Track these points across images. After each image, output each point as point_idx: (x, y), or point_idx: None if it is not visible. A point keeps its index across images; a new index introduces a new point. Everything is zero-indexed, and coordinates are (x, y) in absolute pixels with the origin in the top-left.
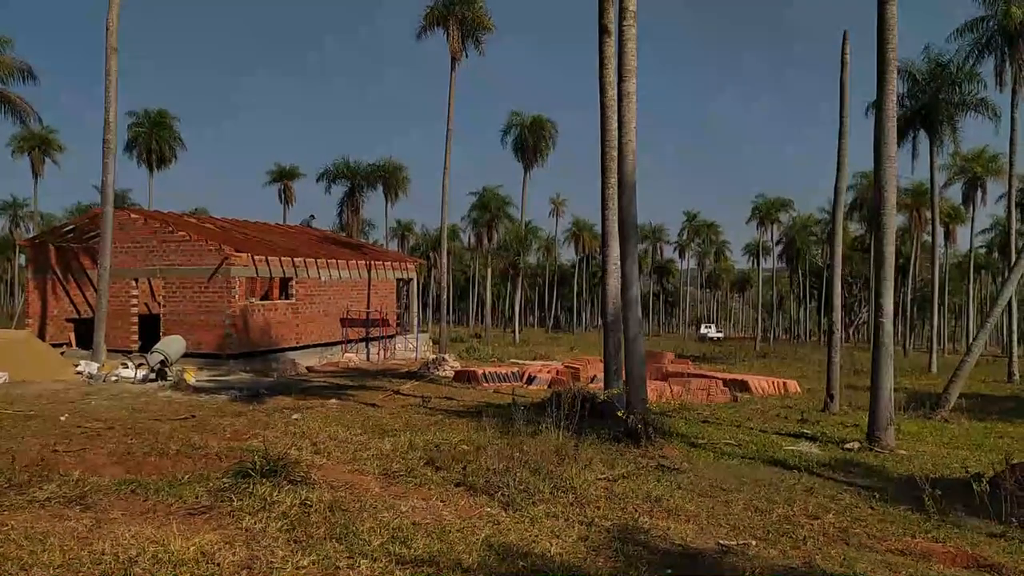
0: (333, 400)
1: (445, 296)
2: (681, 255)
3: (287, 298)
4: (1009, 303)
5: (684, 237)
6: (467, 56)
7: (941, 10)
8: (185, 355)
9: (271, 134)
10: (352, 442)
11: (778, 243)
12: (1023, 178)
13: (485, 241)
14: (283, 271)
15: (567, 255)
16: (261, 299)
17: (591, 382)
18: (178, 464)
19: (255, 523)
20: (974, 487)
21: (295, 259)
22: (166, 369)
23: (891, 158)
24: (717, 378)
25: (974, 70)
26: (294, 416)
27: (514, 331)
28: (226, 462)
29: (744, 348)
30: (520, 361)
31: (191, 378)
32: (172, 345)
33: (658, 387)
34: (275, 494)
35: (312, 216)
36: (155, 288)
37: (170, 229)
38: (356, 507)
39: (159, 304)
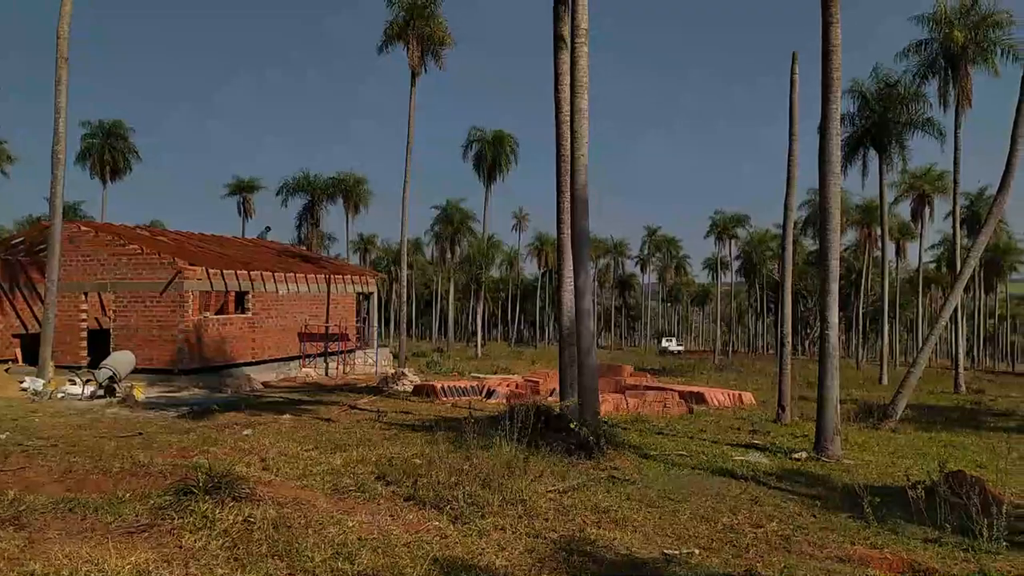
0: (287, 415)
1: (405, 310)
2: (643, 269)
3: (243, 312)
4: (956, 318)
5: (645, 252)
6: (427, 71)
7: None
8: (135, 371)
9: (233, 146)
10: (303, 458)
11: (736, 258)
12: (968, 195)
13: (448, 255)
14: (239, 285)
15: (531, 269)
16: (216, 313)
17: (551, 395)
18: (120, 482)
19: (195, 541)
20: (910, 495)
21: (252, 272)
22: (115, 385)
23: (835, 175)
24: (674, 390)
25: (920, 90)
26: (245, 432)
27: (476, 345)
28: (170, 479)
29: (703, 361)
30: (480, 375)
31: (140, 394)
32: (121, 360)
33: (615, 400)
34: (218, 511)
35: (267, 228)
36: (105, 302)
37: (121, 242)
38: (301, 523)
39: (109, 319)
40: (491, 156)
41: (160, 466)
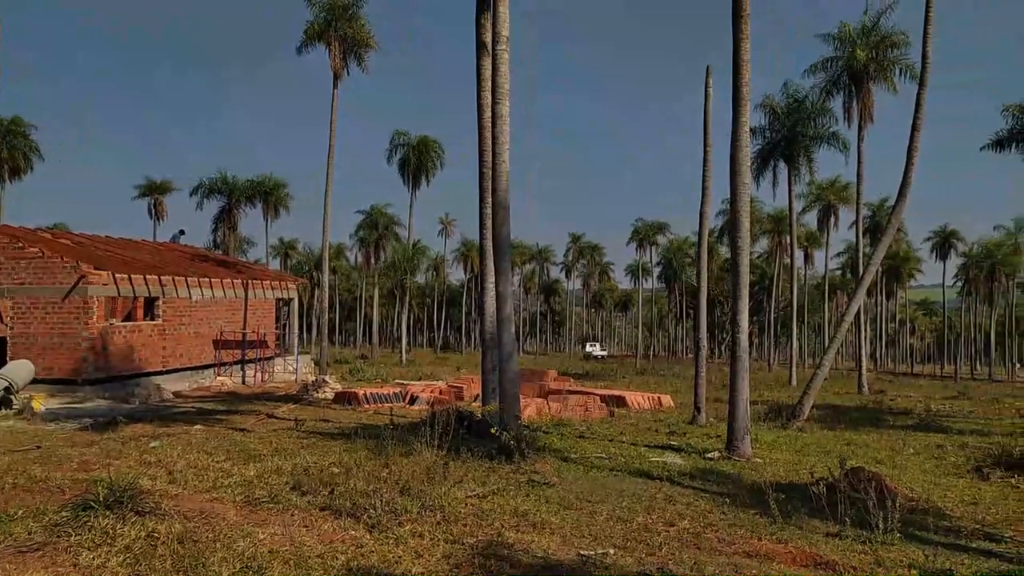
0: (198, 426)
1: (327, 316)
2: (567, 275)
3: (153, 319)
4: (859, 321)
5: (570, 258)
6: (349, 73)
7: (802, 47)
8: (35, 381)
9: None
10: (213, 469)
11: (657, 264)
12: (871, 206)
13: (373, 260)
14: (148, 290)
15: (457, 275)
16: (124, 320)
17: (475, 401)
18: (12, 499)
19: (93, 559)
20: (813, 491)
21: (162, 277)
22: (11, 396)
23: (745, 186)
24: (596, 394)
25: (826, 106)
26: (152, 444)
27: (401, 352)
28: (69, 495)
29: (625, 365)
30: (404, 382)
31: (40, 406)
32: (19, 370)
33: (538, 404)
34: (119, 527)
35: (181, 231)
36: (2, 309)
37: (20, 245)
38: (209, 537)
39: (7, 326)
40: (416, 161)
41: (58, 481)
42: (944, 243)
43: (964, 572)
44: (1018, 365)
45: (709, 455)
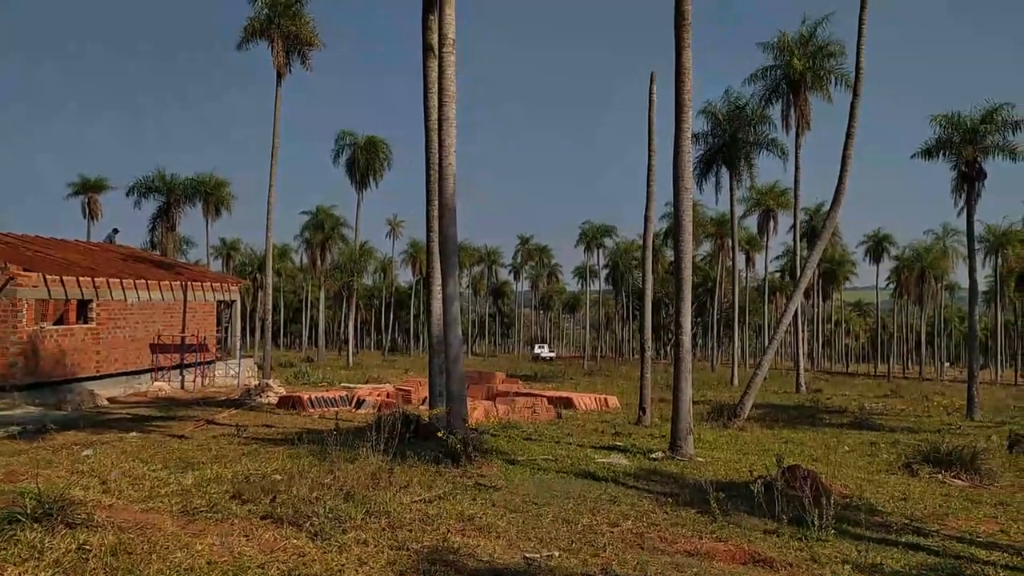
0: (134, 433)
1: (271, 318)
2: (516, 277)
3: (86, 322)
4: (797, 323)
5: (519, 260)
6: (292, 72)
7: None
8: None
9: (78, 143)
10: (149, 478)
11: (604, 266)
12: (808, 211)
13: (319, 262)
14: (82, 292)
15: (405, 276)
16: (55, 324)
17: (422, 404)
18: None
19: (20, 574)
20: (752, 489)
21: (96, 279)
22: None
23: (687, 191)
24: (543, 396)
25: (765, 113)
26: (84, 452)
27: (348, 354)
28: None
29: (574, 366)
30: (351, 385)
31: None
32: None
33: (486, 406)
34: (48, 540)
35: (115, 231)
36: None
37: None
38: (144, 549)
39: None
40: (364, 161)
41: None
42: (877, 247)
43: (894, 566)
44: (947, 364)
45: (653, 455)
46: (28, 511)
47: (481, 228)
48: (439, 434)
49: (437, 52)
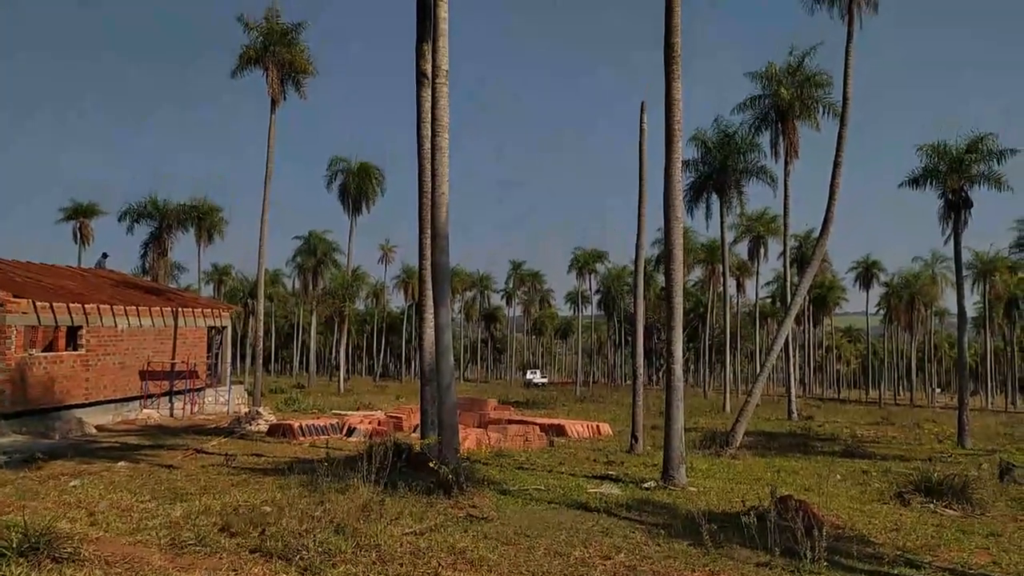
0: (122, 463)
1: (262, 344)
2: (508, 303)
3: (75, 349)
4: (788, 349)
5: (511, 285)
6: (286, 99)
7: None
8: None
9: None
10: (137, 510)
11: (596, 292)
12: (797, 237)
13: (311, 287)
14: (72, 319)
15: (397, 301)
16: (44, 350)
17: (413, 431)
18: None
19: None
20: (744, 520)
21: (87, 305)
22: None
23: (678, 220)
24: (536, 424)
25: (755, 141)
26: (72, 483)
27: (339, 380)
28: None
29: (566, 392)
30: (342, 412)
31: None
32: None
33: (477, 434)
34: (34, 575)
35: (105, 255)
36: None
37: None
38: None
39: None
40: (356, 187)
41: None
42: (866, 273)
43: None
44: (937, 390)
45: (646, 485)
46: (13, 545)
47: (473, 252)
48: (431, 464)
49: (430, 81)
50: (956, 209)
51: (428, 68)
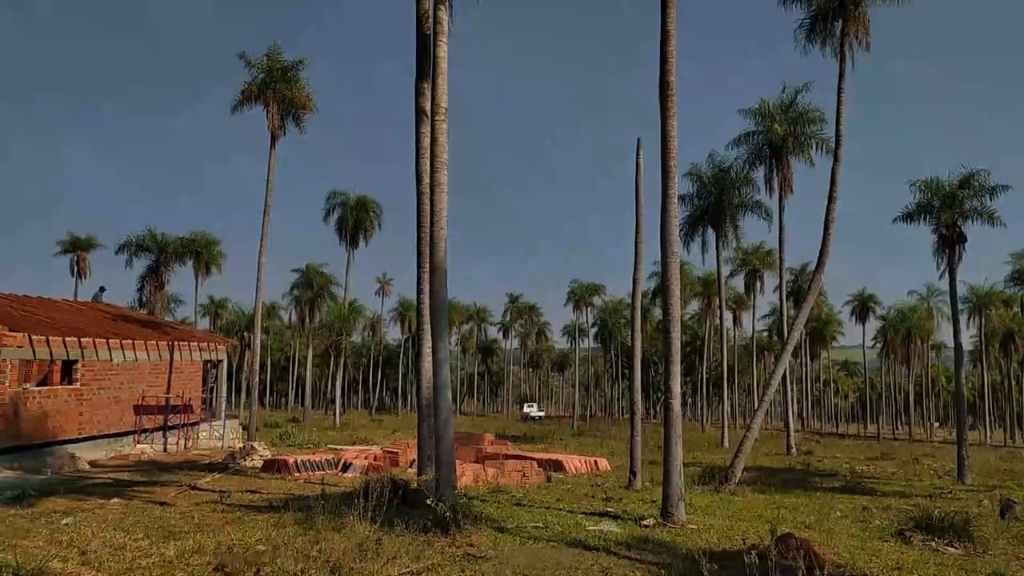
0: (115, 500)
1: (258, 378)
2: (505, 335)
3: (70, 383)
4: (786, 383)
5: (508, 318)
6: (286, 134)
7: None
8: None
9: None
10: (130, 548)
11: (593, 325)
12: (793, 270)
13: (307, 320)
14: (67, 353)
15: (393, 334)
16: (38, 384)
17: (410, 467)
18: None
19: None
20: (745, 560)
21: (83, 339)
22: None
23: (674, 255)
24: (533, 459)
25: (749, 175)
26: (64, 521)
27: (335, 414)
28: None
29: (563, 426)
30: (337, 447)
31: None
32: None
33: (475, 470)
34: None
35: (102, 289)
36: None
37: None
38: None
39: None
40: (353, 221)
41: None
42: (862, 306)
43: None
44: (936, 424)
45: (645, 522)
46: None
47: (470, 284)
48: (428, 501)
49: (430, 118)
50: (950, 244)
51: (427, 106)
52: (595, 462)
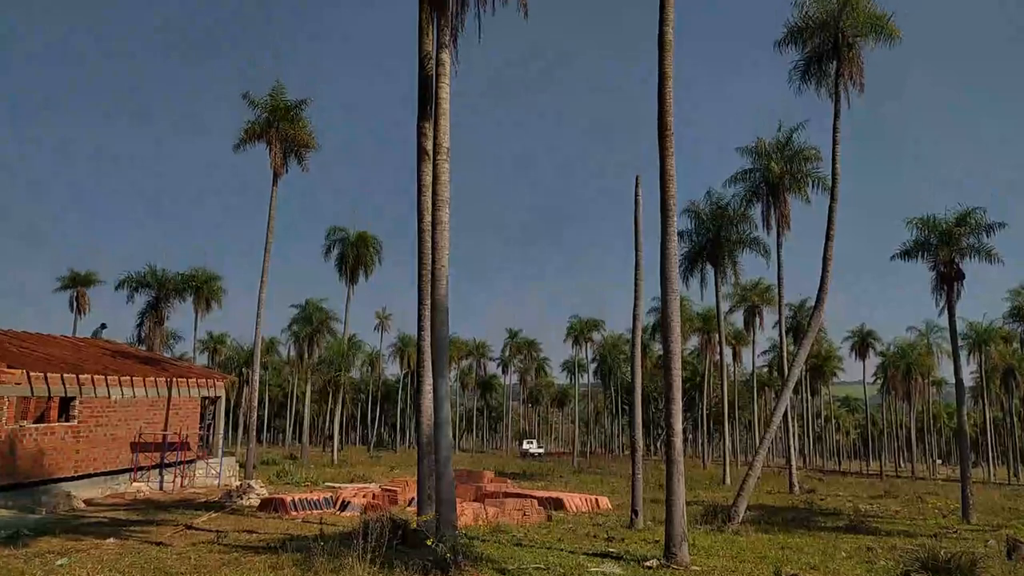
0: (111, 540)
1: (255, 416)
2: (504, 371)
3: (68, 419)
4: (787, 420)
5: (507, 353)
6: (288, 171)
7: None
8: None
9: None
10: None
11: (592, 360)
12: (792, 306)
13: (306, 356)
14: (65, 389)
15: (392, 370)
16: (36, 421)
17: (409, 505)
18: None
19: None
20: None
21: (81, 376)
22: None
23: (674, 292)
24: (533, 497)
25: (747, 212)
26: (59, 562)
27: (333, 451)
28: None
29: (562, 463)
30: (335, 485)
31: None
32: None
33: (474, 509)
34: None
35: (103, 326)
36: None
37: None
38: None
39: None
40: (353, 257)
41: None
42: (862, 342)
43: None
44: (939, 461)
45: (648, 563)
46: None
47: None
48: (428, 542)
49: (432, 158)
50: (949, 281)
51: (429, 145)
52: (596, 500)
